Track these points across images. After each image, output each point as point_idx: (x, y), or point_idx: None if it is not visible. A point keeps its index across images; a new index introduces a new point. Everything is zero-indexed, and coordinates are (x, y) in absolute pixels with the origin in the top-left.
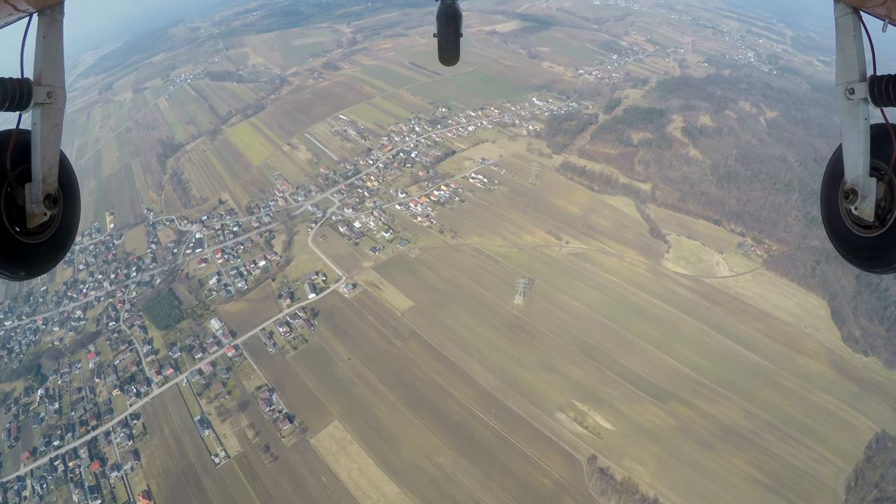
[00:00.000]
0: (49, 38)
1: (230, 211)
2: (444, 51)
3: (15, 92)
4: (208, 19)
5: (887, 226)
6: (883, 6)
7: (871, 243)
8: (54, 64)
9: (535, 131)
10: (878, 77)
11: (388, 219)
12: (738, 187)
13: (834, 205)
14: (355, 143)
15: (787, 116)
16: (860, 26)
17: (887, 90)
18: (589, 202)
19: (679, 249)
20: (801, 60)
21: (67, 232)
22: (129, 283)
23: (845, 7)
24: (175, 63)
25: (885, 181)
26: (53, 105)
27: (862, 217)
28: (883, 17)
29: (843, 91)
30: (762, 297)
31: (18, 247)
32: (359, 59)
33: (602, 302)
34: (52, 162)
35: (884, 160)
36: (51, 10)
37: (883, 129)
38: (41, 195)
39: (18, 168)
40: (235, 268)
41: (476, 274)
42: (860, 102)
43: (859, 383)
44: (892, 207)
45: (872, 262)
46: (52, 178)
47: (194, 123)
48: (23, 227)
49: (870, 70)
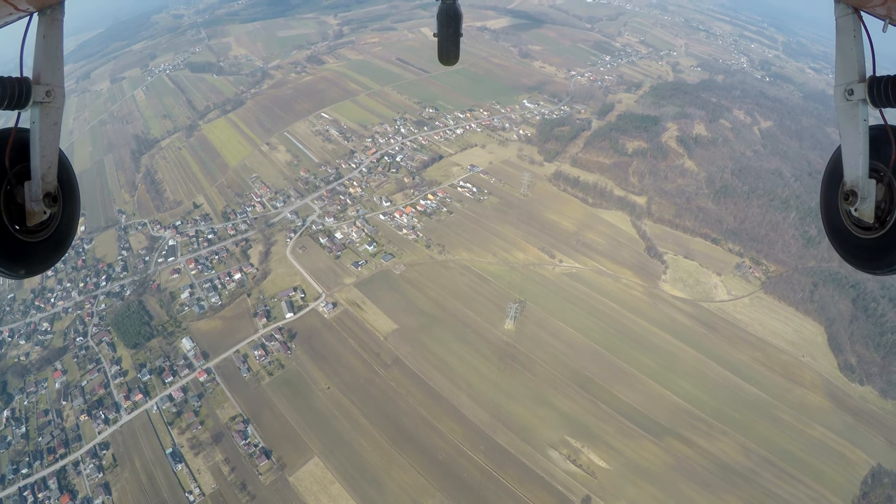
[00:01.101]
0: (49, 37)
1: (205, 216)
2: (444, 51)
3: (14, 90)
4: (192, 6)
5: (887, 227)
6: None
7: (870, 244)
8: (54, 63)
9: (526, 136)
10: (877, 78)
11: (371, 230)
12: (735, 203)
13: (833, 206)
14: (337, 145)
15: (781, 127)
16: (860, 26)
17: (886, 91)
18: (583, 217)
19: (676, 270)
20: (793, 67)
21: (67, 230)
22: (98, 293)
23: (846, 7)
24: (155, 52)
25: (884, 182)
26: (52, 104)
27: (862, 218)
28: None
29: (842, 92)
30: (760, 323)
31: (18, 245)
32: (344, 53)
33: (597, 328)
34: (52, 160)
35: (883, 161)
36: (51, 9)
37: (882, 131)
38: (40, 193)
39: (18, 166)
40: (209, 280)
41: (464, 294)
42: (859, 103)
43: (855, 414)
44: (891, 209)
45: (872, 263)
46: (52, 176)
47: (171, 118)
48: (22, 226)
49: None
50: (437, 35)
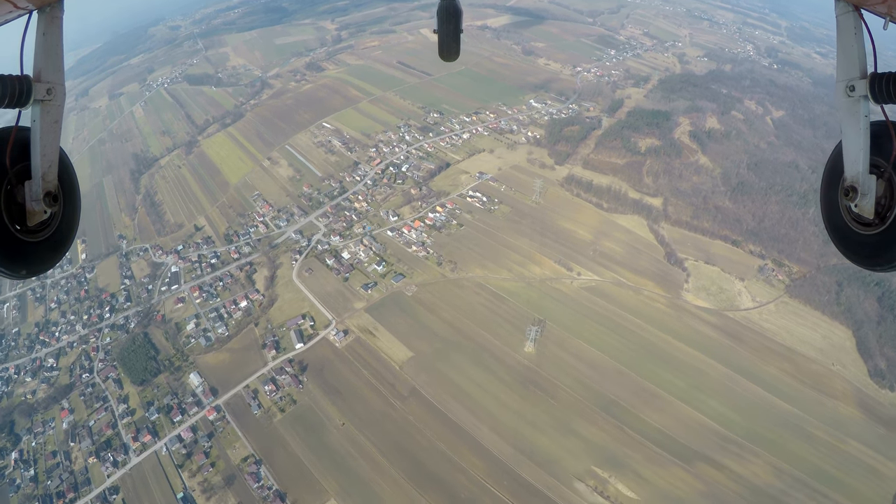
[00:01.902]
0: (49, 35)
1: (207, 239)
2: (445, 47)
3: (14, 89)
4: (189, 17)
5: (887, 223)
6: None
7: (871, 240)
8: (54, 61)
9: (535, 138)
10: (878, 74)
11: (379, 248)
12: (753, 200)
13: (834, 202)
14: (341, 156)
15: (793, 116)
16: (861, 24)
17: (888, 88)
18: (599, 223)
19: (698, 278)
20: (799, 53)
21: (68, 230)
22: (102, 325)
23: (846, 5)
24: (153, 65)
25: (885, 178)
26: (53, 102)
27: (862, 214)
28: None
29: (843, 88)
30: (788, 331)
31: (19, 245)
32: (344, 58)
33: (620, 347)
34: (52, 159)
35: (884, 157)
36: (50, 7)
37: (883, 127)
38: (41, 193)
39: (18, 165)
40: (215, 309)
41: (481, 316)
42: (860, 100)
43: (886, 424)
44: (892, 205)
45: (873, 259)
46: (52, 175)
47: (169, 134)
48: (23, 225)
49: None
50: (437, 31)
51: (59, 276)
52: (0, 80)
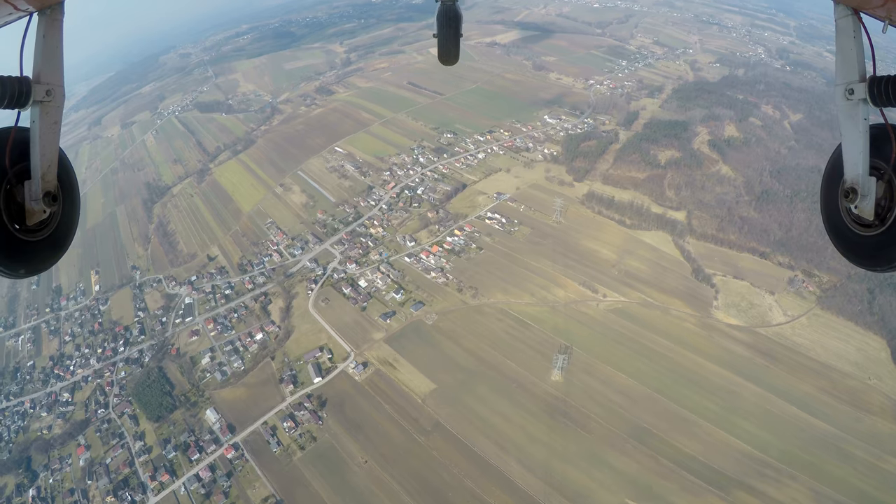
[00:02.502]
0: (49, 37)
1: (221, 269)
2: (444, 51)
3: (14, 90)
4: (199, 44)
5: (887, 224)
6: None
7: (871, 242)
8: (54, 63)
9: (552, 155)
10: (877, 78)
11: (397, 275)
12: (778, 209)
13: (834, 204)
14: (354, 181)
15: (811, 119)
16: (860, 27)
17: (887, 91)
18: (622, 241)
19: (728, 294)
20: (810, 52)
21: (67, 229)
22: (116, 359)
23: (845, 8)
24: (164, 93)
25: (884, 180)
26: (52, 103)
27: (862, 216)
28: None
29: (842, 91)
30: (822, 345)
31: (18, 244)
32: (354, 81)
33: (651, 371)
34: (52, 159)
35: (883, 159)
36: (51, 9)
37: (882, 129)
38: (40, 193)
39: (18, 166)
40: (230, 342)
41: (505, 344)
42: (860, 103)
43: None
44: (891, 206)
45: (873, 260)
46: (52, 175)
47: (181, 162)
48: (22, 225)
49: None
50: (436, 36)
51: (73, 308)
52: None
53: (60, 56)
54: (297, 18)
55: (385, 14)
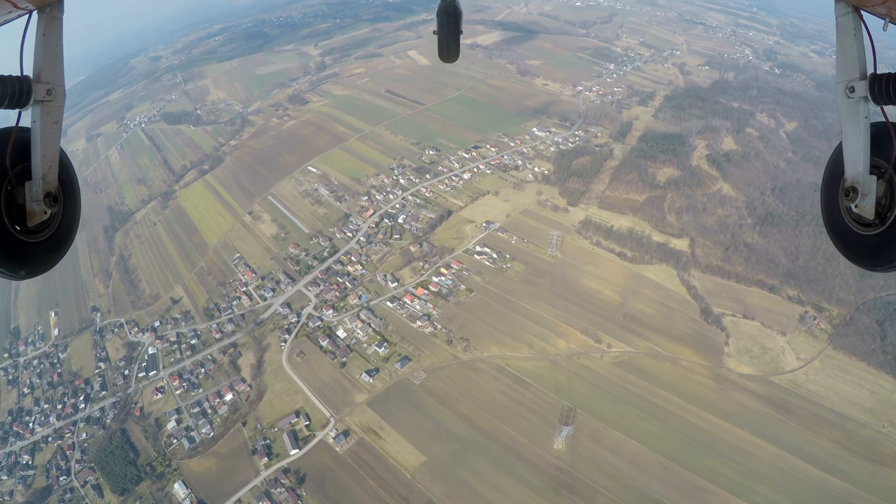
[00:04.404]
0: (49, 35)
1: (186, 314)
2: (444, 48)
3: (14, 89)
4: (170, 46)
5: (887, 223)
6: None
7: (871, 241)
8: (54, 62)
9: (543, 174)
10: (878, 76)
11: (379, 323)
12: (783, 233)
13: (834, 202)
14: (329, 208)
15: (806, 127)
16: (861, 25)
17: (887, 89)
18: (624, 279)
19: (739, 337)
20: (796, 53)
21: (68, 230)
22: (77, 417)
23: (846, 6)
24: (132, 101)
25: (885, 179)
26: (53, 102)
27: (862, 215)
28: (883, 17)
29: (843, 89)
30: (835, 391)
31: (19, 245)
32: (328, 88)
33: (661, 434)
34: (52, 160)
35: (884, 158)
36: (50, 7)
37: (883, 128)
38: (41, 193)
39: (18, 166)
40: (197, 403)
41: (501, 407)
42: (860, 101)
43: None
44: (892, 205)
45: (873, 259)
46: (53, 176)
47: (145, 183)
48: (23, 226)
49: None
50: (436, 32)
51: (31, 354)
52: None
53: (61, 55)
54: (270, 18)
55: (361, 13)
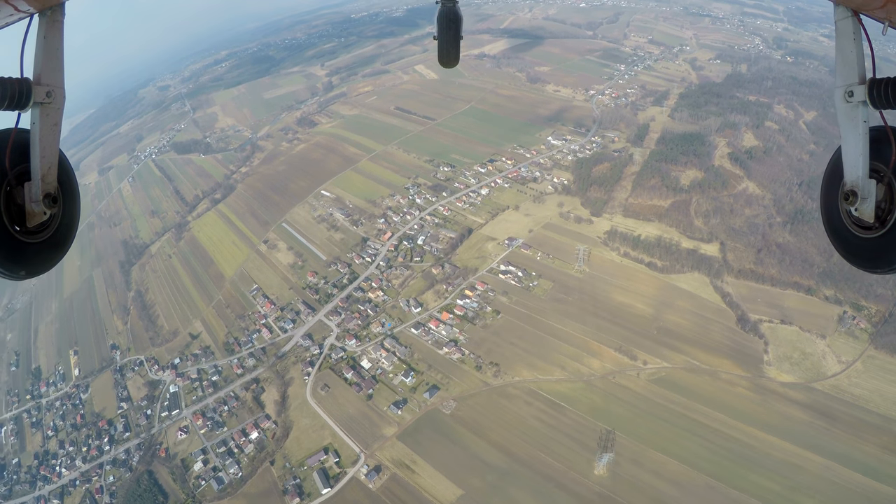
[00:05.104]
0: (49, 38)
1: (206, 350)
2: (444, 53)
3: (14, 91)
4: (178, 75)
5: (887, 227)
6: (883, 9)
7: (871, 244)
8: (54, 64)
9: (563, 185)
10: (877, 80)
11: (404, 351)
12: (815, 231)
13: (834, 206)
14: (345, 232)
15: (825, 116)
16: (860, 29)
17: (887, 93)
18: (656, 291)
19: (778, 344)
20: (806, 39)
21: (67, 231)
22: (103, 460)
23: (845, 10)
24: (141, 133)
25: (884, 183)
26: (53, 104)
27: (862, 218)
28: (883, 21)
29: (842, 93)
30: (879, 393)
31: (18, 246)
32: (337, 108)
33: (705, 453)
34: (52, 161)
35: (883, 162)
36: (51, 10)
37: (882, 132)
38: (41, 194)
39: (18, 167)
40: (223, 442)
41: (537, 433)
42: (859, 105)
43: None
44: (891, 209)
45: (873, 263)
46: (52, 177)
47: (159, 214)
48: (22, 227)
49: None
50: (436, 38)
51: (53, 395)
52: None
53: (61, 58)
54: (275, 41)
55: (365, 30)
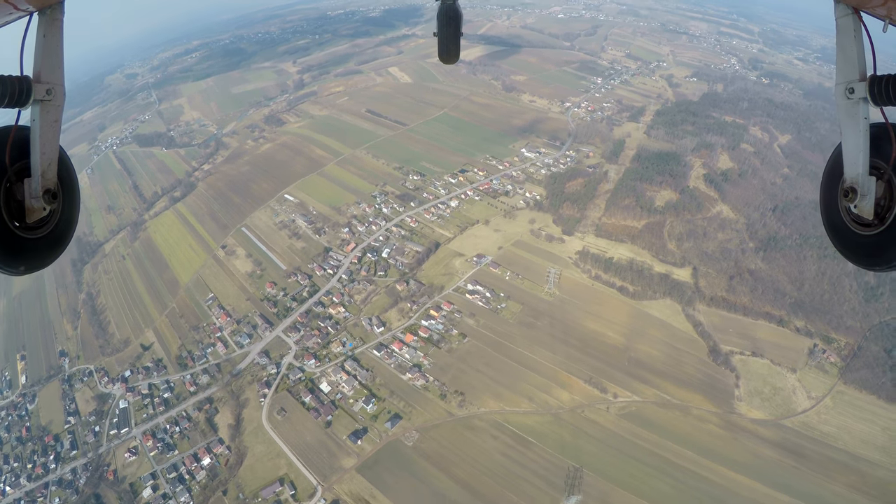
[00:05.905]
0: (49, 36)
1: (158, 363)
2: (445, 49)
3: (14, 89)
4: (147, 63)
5: (886, 224)
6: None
7: (870, 241)
8: (54, 62)
9: (535, 200)
10: (878, 77)
11: (366, 375)
12: (787, 258)
13: (834, 203)
14: (308, 241)
15: (799, 139)
16: (861, 27)
17: (887, 90)
18: (628, 318)
19: (749, 378)
20: (781, 61)
21: (66, 227)
22: (48, 479)
23: (846, 8)
24: (104, 122)
25: (884, 180)
26: (52, 102)
27: (861, 215)
28: (883, 18)
29: (843, 90)
30: (848, 431)
31: (18, 242)
32: (306, 108)
33: (674, 493)
34: (52, 158)
35: (883, 159)
36: (51, 9)
37: (882, 129)
38: (40, 190)
39: (18, 164)
40: (174, 466)
41: (502, 470)
42: (860, 102)
43: None
44: (891, 206)
45: (872, 259)
46: (52, 173)
47: (115, 210)
48: (22, 223)
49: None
50: (437, 34)
51: None
52: (0, 80)
53: (61, 55)
54: (248, 34)
55: (340, 28)
